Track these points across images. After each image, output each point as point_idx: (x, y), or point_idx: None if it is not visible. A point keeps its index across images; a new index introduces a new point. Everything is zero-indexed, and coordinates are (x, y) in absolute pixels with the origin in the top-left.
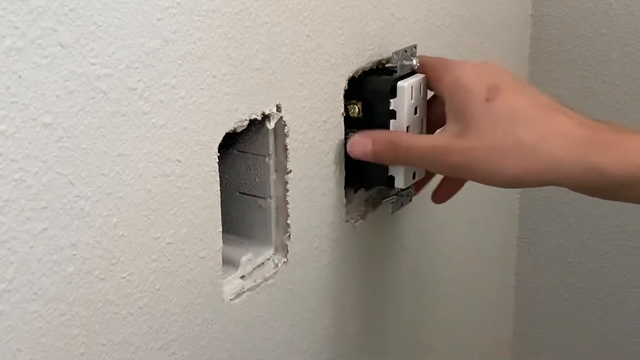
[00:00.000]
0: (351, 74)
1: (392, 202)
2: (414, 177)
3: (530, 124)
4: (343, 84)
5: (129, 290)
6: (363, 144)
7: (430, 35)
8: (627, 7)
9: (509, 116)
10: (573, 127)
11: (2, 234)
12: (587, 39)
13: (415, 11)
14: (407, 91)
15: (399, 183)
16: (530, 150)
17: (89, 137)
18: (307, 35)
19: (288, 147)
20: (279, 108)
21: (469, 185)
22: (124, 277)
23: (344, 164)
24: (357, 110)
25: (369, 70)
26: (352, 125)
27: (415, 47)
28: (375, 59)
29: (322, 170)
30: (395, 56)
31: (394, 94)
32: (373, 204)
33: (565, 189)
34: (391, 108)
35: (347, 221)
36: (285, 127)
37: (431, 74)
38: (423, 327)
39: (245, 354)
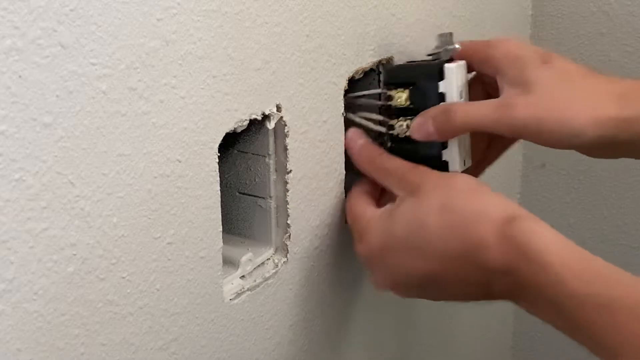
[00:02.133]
0: (351, 74)
1: None
2: (464, 165)
3: (590, 79)
4: (343, 84)
5: (129, 290)
6: (422, 124)
7: (430, 35)
8: (627, 7)
9: (569, 74)
10: (620, 81)
11: (2, 234)
12: (587, 39)
13: (415, 11)
14: (456, 72)
15: (454, 167)
16: (597, 98)
17: (89, 137)
18: (307, 35)
19: (288, 147)
20: (279, 108)
21: None
22: (124, 277)
23: (344, 164)
24: (404, 97)
25: (407, 62)
26: (399, 114)
27: (451, 34)
28: (375, 59)
29: (322, 170)
30: (439, 39)
31: (442, 77)
32: None
33: (565, 188)
34: (440, 90)
35: (347, 221)
36: (285, 127)
37: (476, 56)
38: (423, 326)
39: (245, 354)
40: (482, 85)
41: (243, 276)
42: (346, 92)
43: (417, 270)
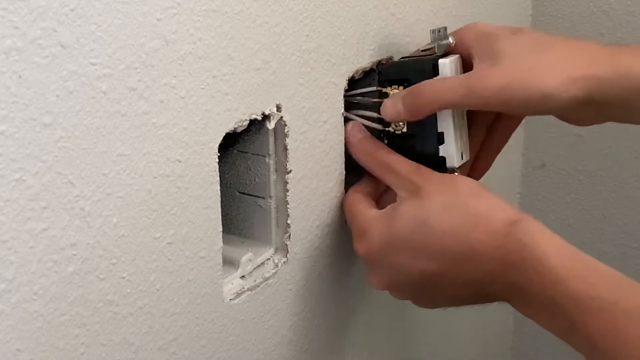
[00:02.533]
0: (351, 74)
1: None
2: (462, 158)
3: (561, 44)
4: (343, 84)
5: (129, 290)
6: (392, 104)
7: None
8: (627, 7)
9: (539, 42)
10: (599, 45)
11: (2, 234)
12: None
13: (415, 11)
14: (449, 67)
15: (452, 162)
16: (568, 60)
17: (89, 137)
18: (307, 35)
19: (288, 147)
20: (279, 108)
21: None
22: (124, 277)
23: (344, 164)
24: None
25: (401, 58)
26: None
27: (445, 28)
28: (375, 59)
29: (322, 170)
30: (432, 34)
31: (436, 72)
32: None
33: (565, 188)
34: None
35: (347, 220)
36: (285, 127)
37: (459, 36)
38: (423, 326)
39: (245, 354)
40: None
41: (243, 276)
42: (345, 91)
43: (417, 269)
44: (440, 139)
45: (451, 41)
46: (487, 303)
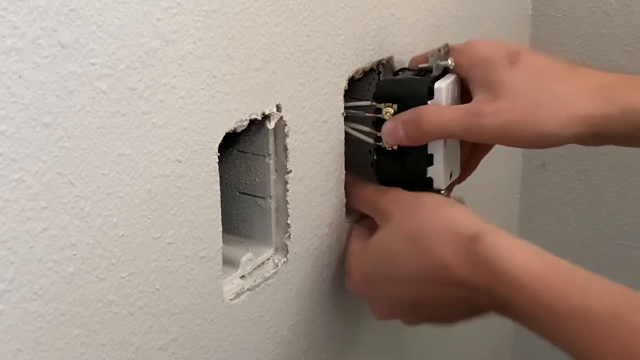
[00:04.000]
0: (351, 74)
1: None
2: (450, 177)
3: (560, 76)
4: (343, 84)
5: (129, 290)
6: (393, 128)
7: (430, 35)
8: (627, 7)
9: (538, 73)
10: (599, 75)
11: (2, 234)
12: (587, 39)
13: (415, 11)
14: (444, 92)
15: (439, 183)
16: (568, 98)
17: (89, 137)
18: (307, 35)
19: (288, 147)
20: (279, 108)
21: (469, 185)
22: (124, 277)
23: (344, 164)
24: (392, 112)
25: (399, 70)
26: None
27: (448, 45)
28: (375, 59)
29: (322, 170)
30: (431, 57)
31: (431, 96)
32: None
33: (565, 188)
34: None
35: (347, 221)
36: (285, 127)
37: (457, 60)
38: (423, 326)
39: (245, 354)
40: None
41: (243, 276)
42: (345, 92)
43: (401, 297)
44: (429, 160)
45: (450, 63)
46: (484, 315)
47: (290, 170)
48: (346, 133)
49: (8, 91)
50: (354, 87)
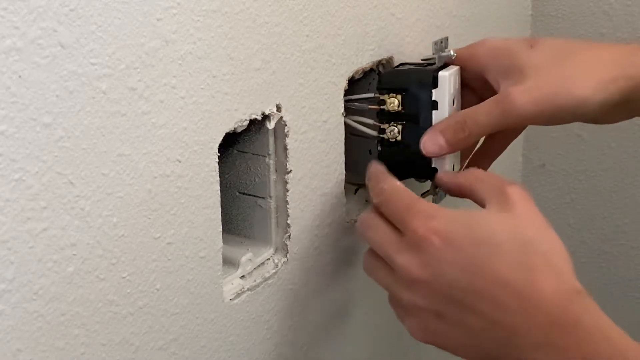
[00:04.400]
0: (351, 74)
1: (434, 197)
2: (452, 169)
3: (582, 48)
4: (343, 84)
5: (129, 290)
6: (433, 139)
7: (431, 35)
8: (627, 7)
9: (559, 50)
10: (619, 45)
11: (2, 234)
12: (587, 39)
13: (415, 11)
14: (448, 81)
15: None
16: (592, 65)
17: (89, 137)
18: (307, 35)
19: (288, 147)
20: (279, 108)
21: None
22: (124, 277)
23: (344, 164)
24: (396, 103)
25: (399, 65)
26: (390, 119)
27: (447, 39)
28: (375, 59)
29: (322, 170)
30: (434, 46)
31: (435, 84)
32: None
33: (565, 188)
34: (433, 99)
35: (347, 221)
36: (285, 127)
37: (461, 58)
38: None
39: (245, 354)
40: (472, 91)
41: (243, 276)
42: (345, 92)
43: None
44: None
45: (452, 54)
46: None
47: (290, 170)
48: (349, 126)
49: (8, 91)
50: (354, 87)
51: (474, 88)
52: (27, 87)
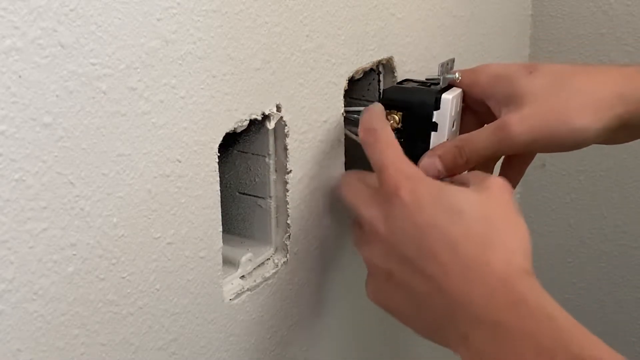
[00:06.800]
0: (351, 74)
1: None
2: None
3: (580, 73)
4: (343, 84)
5: (129, 290)
6: (432, 164)
7: (430, 35)
8: (627, 7)
9: (557, 76)
10: (618, 68)
11: (2, 234)
12: (587, 39)
13: (415, 11)
14: (450, 104)
15: None
16: (591, 93)
17: (89, 137)
18: (307, 35)
19: (288, 147)
20: (279, 108)
21: None
22: (124, 277)
23: (344, 164)
24: (397, 120)
25: (403, 81)
26: None
27: (453, 60)
28: (375, 59)
29: (322, 170)
30: (440, 68)
31: (437, 106)
32: None
33: (565, 188)
34: (434, 120)
35: (347, 221)
36: (285, 127)
37: (466, 80)
38: None
39: (245, 354)
40: (474, 114)
41: (243, 276)
42: (345, 93)
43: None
44: None
45: (457, 76)
46: (441, 338)
47: (290, 170)
48: (348, 138)
49: (8, 91)
50: (354, 87)
51: (476, 111)
52: (27, 87)
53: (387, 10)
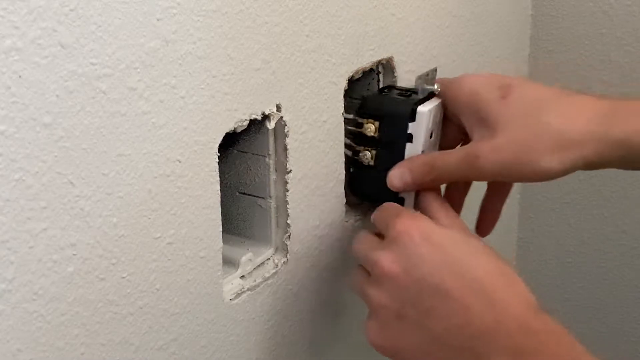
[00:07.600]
0: (351, 74)
1: None
2: None
3: (552, 108)
4: (343, 84)
5: (129, 290)
6: (400, 175)
7: (430, 35)
8: (627, 7)
9: (529, 106)
10: (593, 104)
11: (2, 234)
12: (587, 39)
13: (415, 11)
14: (426, 116)
15: (409, 204)
16: (560, 132)
17: (89, 137)
18: (307, 35)
19: (288, 147)
20: (279, 108)
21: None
22: (124, 277)
23: (344, 164)
24: (373, 129)
25: (386, 87)
26: (365, 143)
27: (435, 70)
28: (375, 59)
29: (322, 170)
30: (418, 80)
31: (412, 118)
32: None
33: (565, 188)
34: (409, 132)
35: (347, 221)
36: (285, 127)
37: (444, 92)
38: None
39: (245, 354)
40: (456, 125)
41: (243, 276)
42: (345, 92)
43: (433, 281)
44: None
45: (436, 88)
46: None
47: (290, 170)
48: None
49: (8, 91)
50: (354, 87)
51: (457, 123)
52: (27, 87)
53: (387, 10)
